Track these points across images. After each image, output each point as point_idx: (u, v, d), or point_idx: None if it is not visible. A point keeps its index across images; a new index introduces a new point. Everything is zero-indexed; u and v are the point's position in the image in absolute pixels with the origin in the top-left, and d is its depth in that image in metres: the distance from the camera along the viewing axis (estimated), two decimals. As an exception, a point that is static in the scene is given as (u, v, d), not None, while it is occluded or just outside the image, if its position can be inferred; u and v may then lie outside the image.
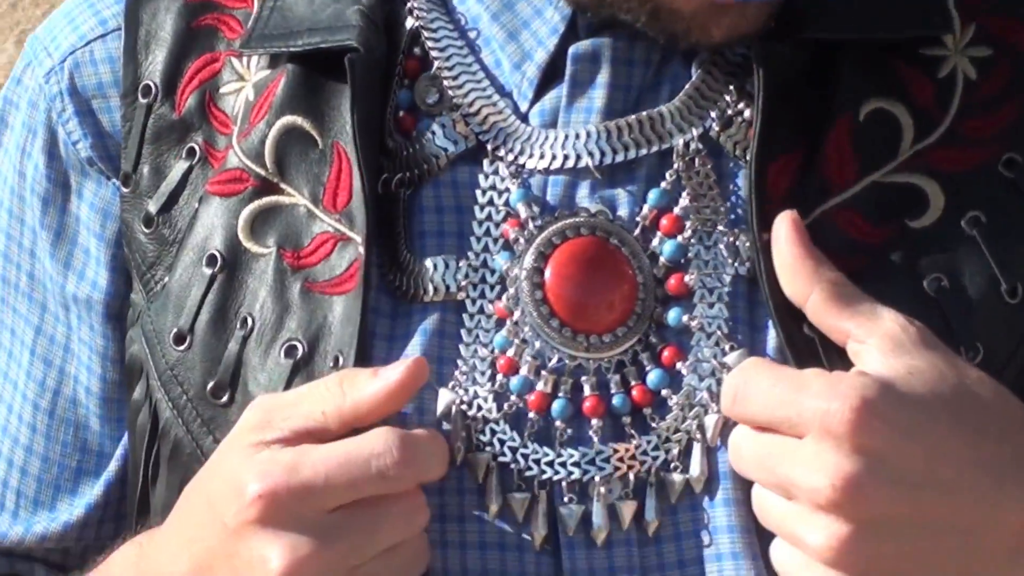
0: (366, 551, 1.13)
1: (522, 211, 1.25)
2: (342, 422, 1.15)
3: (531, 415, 1.20)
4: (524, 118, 1.25)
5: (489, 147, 1.26)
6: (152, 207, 1.36)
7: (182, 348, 1.33)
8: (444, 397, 1.22)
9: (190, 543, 1.21)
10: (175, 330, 1.33)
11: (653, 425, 1.21)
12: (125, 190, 1.38)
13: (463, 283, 1.25)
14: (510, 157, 1.25)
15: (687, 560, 1.23)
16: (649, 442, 1.22)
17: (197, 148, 1.35)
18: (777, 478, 1.11)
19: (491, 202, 1.28)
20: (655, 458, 1.22)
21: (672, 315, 1.21)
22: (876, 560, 1.11)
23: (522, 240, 1.24)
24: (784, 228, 1.18)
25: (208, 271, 1.33)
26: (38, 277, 1.45)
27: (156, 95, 1.36)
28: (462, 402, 1.23)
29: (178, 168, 1.36)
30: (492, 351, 1.24)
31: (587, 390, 1.20)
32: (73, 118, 1.40)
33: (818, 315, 1.16)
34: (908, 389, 1.08)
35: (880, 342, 1.11)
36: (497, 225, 1.26)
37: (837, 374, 1.11)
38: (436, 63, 1.29)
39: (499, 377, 1.22)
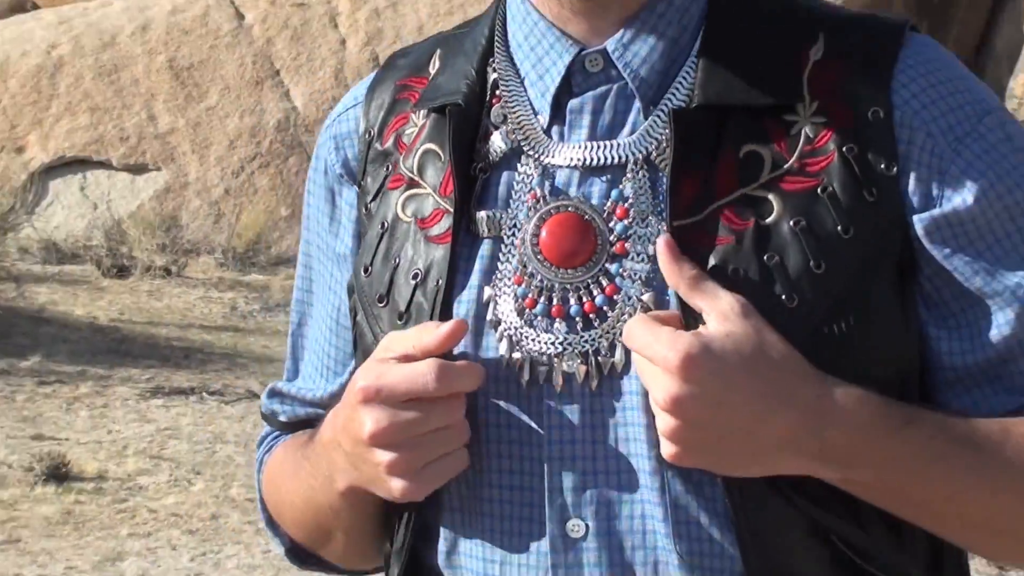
0: (421, 427, 1.70)
1: (537, 190, 1.79)
2: (422, 352, 1.73)
3: (526, 311, 1.77)
4: (547, 132, 1.82)
5: (524, 149, 1.83)
6: (368, 199, 1.98)
7: (366, 276, 1.94)
8: (486, 292, 1.80)
9: (335, 416, 1.81)
10: (363, 265, 1.94)
11: (595, 326, 1.75)
12: (359, 191, 2.01)
13: (502, 228, 1.81)
14: (536, 156, 1.83)
15: (614, 408, 1.75)
16: (591, 335, 1.75)
17: (390, 166, 1.96)
18: (646, 373, 1.65)
19: (522, 182, 1.82)
20: (594, 346, 1.75)
21: (614, 267, 1.74)
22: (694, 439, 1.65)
23: (535, 208, 1.80)
24: (661, 245, 1.71)
25: (380, 231, 1.93)
26: (327, 243, 2.09)
27: (373, 136, 1.98)
28: (495, 297, 1.80)
29: (380, 177, 1.97)
30: (513, 269, 1.81)
31: (555, 300, 1.76)
32: (333, 152, 2.05)
33: (684, 296, 1.68)
34: (720, 347, 1.61)
35: (715, 314, 1.64)
36: (523, 196, 1.82)
37: (679, 332, 1.64)
38: (503, 98, 1.85)
39: (514, 287, 1.79)
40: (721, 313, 1.64)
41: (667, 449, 1.65)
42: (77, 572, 8.77)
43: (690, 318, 1.68)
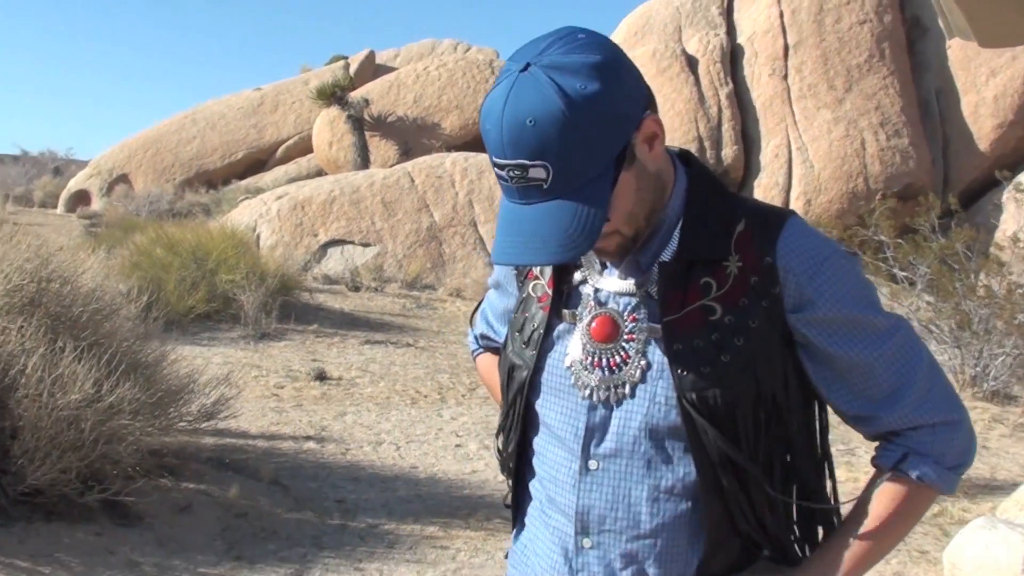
0: None
1: (592, 302, 1.98)
2: None
3: (583, 362, 1.95)
4: (599, 272, 1.98)
5: (588, 279, 1.99)
6: (521, 279, 2.15)
7: (515, 314, 2.13)
8: (567, 351, 2.00)
9: None
10: (515, 312, 2.13)
11: (616, 373, 1.91)
12: (517, 277, 2.19)
13: (576, 317, 1.99)
14: (593, 284, 1.98)
15: (622, 413, 1.91)
16: (614, 377, 1.92)
17: (527, 275, 2.13)
18: None
19: (587, 295, 1.99)
20: (615, 383, 1.91)
21: (626, 345, 1.91)
22: None
23: (590, 311, 1.98)
24: None
25: (522, 298, 2.11)
26: (504, 282, 2.25)
27: (524, 278, 2.14)
28: (570, 353, 1.99)
29: (522, 277, 2.13)
30: (579, 341, 1.97)
31: (597, 358, 1.93)
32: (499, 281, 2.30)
33: None
34: None
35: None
36: (587, 303, 1.98)
37: None
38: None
39: (578, 350, 1.98)
40: None
41: None
42: (325, 419, 9.60)
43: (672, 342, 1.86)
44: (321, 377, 11.30)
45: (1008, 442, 10.21)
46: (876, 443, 2.01)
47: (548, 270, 2.07)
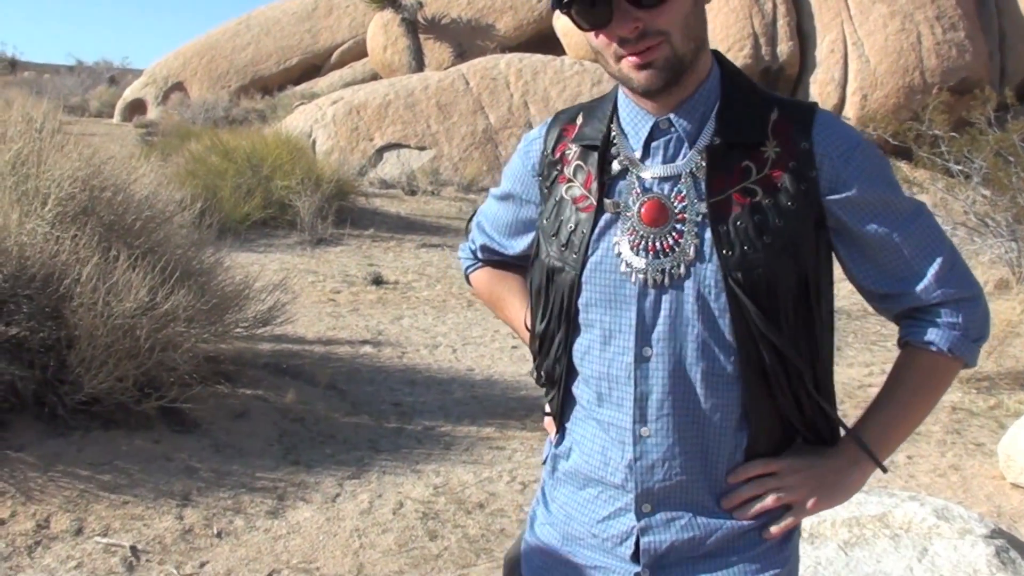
0: None
1: (638, 189, 2.00)
2: None
3: (634, 247, 1.96)
4: (641, 160, 2.00)
5: (629, 168, 2.01)
6: (547, 184, 2.14)
7: (546, 221, 2.11)
8: (615, 239, 2.00)
9: None
10: (545, 216, 2.11)
11: (669, 255, 1.94)
12: (540, 179, 2.16)
13: (619, 208, 2.00)
14: (636, 172, 2.00)
15: (674, 297, 1.95)
16: (667, 261, 1.94)
17: (558, 169, 2.12)
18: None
19: (629, 184, 2.01)
20: (668, 266, 1.94)
21: (678, 226, 1.94)
22: None
23: (637, 198, 1.99)
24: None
25: (555, 202, 2.09)
26: (516, 188, 2.24)
27: (548, 154, 2.15)
28: (618, 243, 1.99)
29: (552, 175, 2.13)
30: (626, 228, 1.99)
31: (649, 243, 1.95)
32: (526, 156, 2.21)
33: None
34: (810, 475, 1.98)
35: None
36: (631, 191, 2.00)
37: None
38: (617, 143, 2.01)
39: (627, 236, 1.97)
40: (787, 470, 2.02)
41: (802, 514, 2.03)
42: (382, 323, 9.79)
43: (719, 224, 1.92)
44: (377, 281, 11.38)
45: (1065, 335, 10.71)
46: (901, 324, 2.12)
47: (582, 173, 2.09)
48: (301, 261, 12.34)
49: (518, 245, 2.34)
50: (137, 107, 33.45)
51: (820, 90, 22.44)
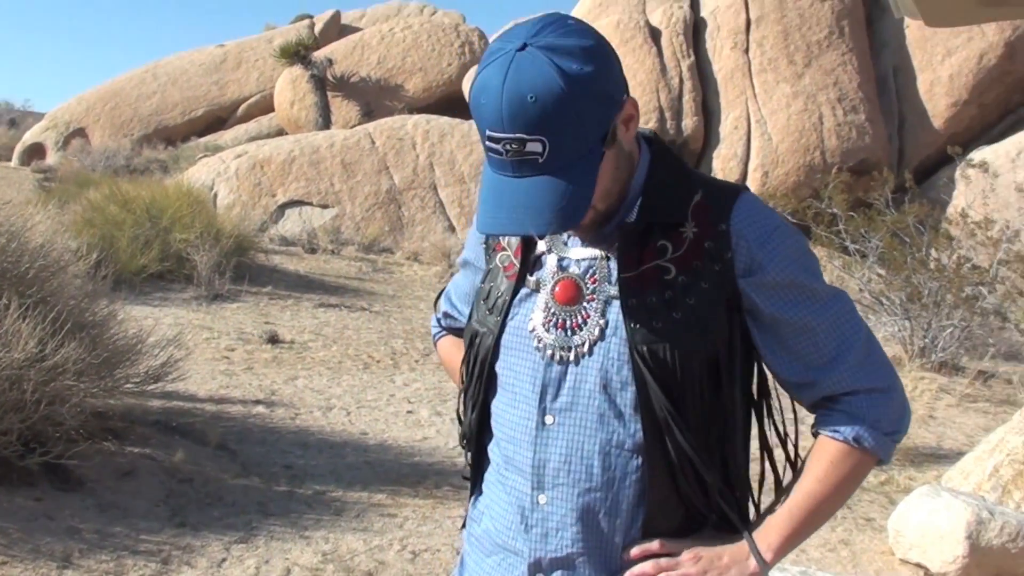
0: None
1: (556, 268, 2.03)
2: None
3: (546, 324, 2.00)
4: (564, 243, 2.03)
5: (552, 246, 2.05)
6: (488, 252, 2.19)
7: (482, 284, 2.17)
8: (530, 314, 2.04)
9: None
10: (482, 282, 2.17)
11: (577, 333, 1.97)
12: (486, 249, 2.21)
13: (539, 284, 2.04)
14: (558, 251, 2.04)
15: (579, 371, 1.97)
16: (575, 337, 1.97)
17: (495, 245, 2.15)
18: None
19: (551, 262, 2.04)
20: (575, 343, 1.96)
21: (587, 306, 1.97)
22: None
23: (553, 276, 2.03)
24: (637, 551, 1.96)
25: (488, 267, 2.17)
26: (474, 259, 2.26)
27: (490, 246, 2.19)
28: (532, 316, 2.03)
29: (491, 248, 2.16)
30: (543, 304, 2.02)
31: (559, 320, 1.98)
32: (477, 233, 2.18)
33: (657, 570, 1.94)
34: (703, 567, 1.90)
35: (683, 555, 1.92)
36: (550, 270, 2.04)
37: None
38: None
39: (542, 312, 2.01)
40: (680, 548, 1.96)
41: None
42: (276, 383, 9.53)
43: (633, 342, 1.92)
44: (273, 340, 11.25)
45: (955, 412, 10.40)
46: (815, 414, 2.08)
47: (515, 241, 2.14)
48: (196, 316, 12.18)
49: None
50: (36, 151, 32.78)
51: (723, 165, 22.75)
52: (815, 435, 2.06)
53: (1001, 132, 23.20)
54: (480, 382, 2.15)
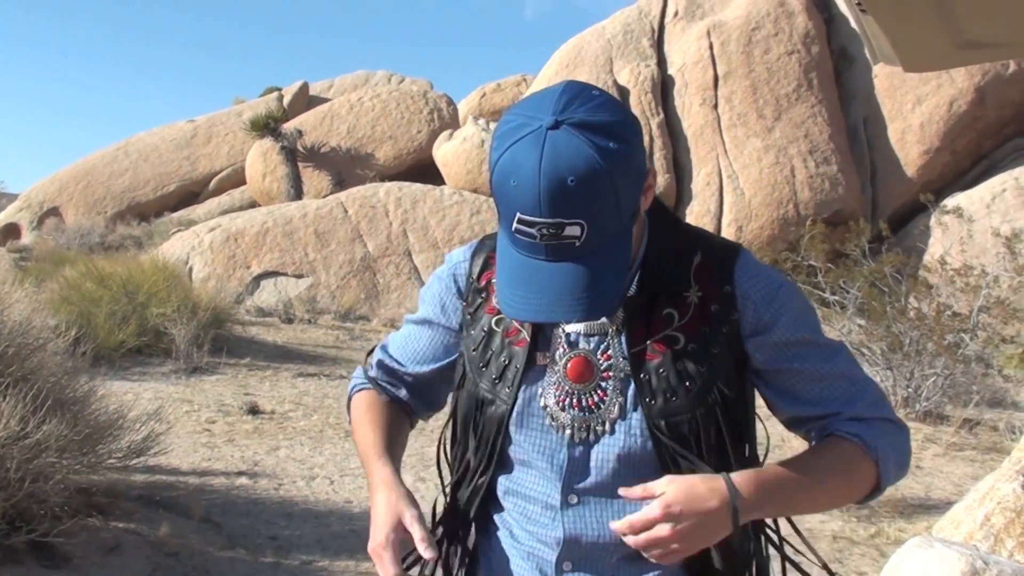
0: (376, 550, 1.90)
1: (565, 345, 1.99)
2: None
3: (560, 403, 1.97)
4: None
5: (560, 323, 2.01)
6: (471, 310, 2.12)
7: (474, 352, 2.08)
8: (549, 397, 1.99)
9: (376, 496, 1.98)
10: (472, 346, 2.09)
11: (593, 412, 1.94)
12: (464, 304, 2.13)
13: (548, 359, 2.00)
14: (563, 324, 1.98)
15: (599, 450, 1.94)
16: (592, 416, 1.95)
17: (483, 297, 2.10)
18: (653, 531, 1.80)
19: (556, 334, 2.00)
20: (592, 422, 1.94)
21: (603, 383, 1.94)
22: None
23: (564, 353, 1.99)
24: (623, 492, 1.87)
25: (483, 332, 2.08)
26: (436, 313, 2.19)
27: (474, 280, 2.11)
28: (544, 395, 1.99)
29: (476, 302, 2.11)
30: (554, 382, 1.99)
31: (575, 399, 1.94)
32: (451, 278, 2.15)
33: (637, 498, 1.84)
34: (671, 499, 1.76)
35: (659, 490, 1.78)
36: (559, 346, 2.00)
37: (652, 502, 1.80)
38: None
39: (554, 391, 1.97)
40: (660, 485, 1.83)
41: (680, 555, 1.84)
42: (258, 454, 9.43)
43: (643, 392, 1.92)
44: (253, 411, 11.17)
45: (942, 461, 10.34)
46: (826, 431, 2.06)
47: None
48: (176, 390, 12.02)
49: (421, 369, 2.26)
50: (11, 231, 32.82)
51: (696, 222, 22.33)
52: (823, 438, 2.02)
53: (975, 178, 23.39)
54: (491, 454, 2.08)
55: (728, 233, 22.42)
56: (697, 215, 23.01)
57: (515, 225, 1.77)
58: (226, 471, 8.74)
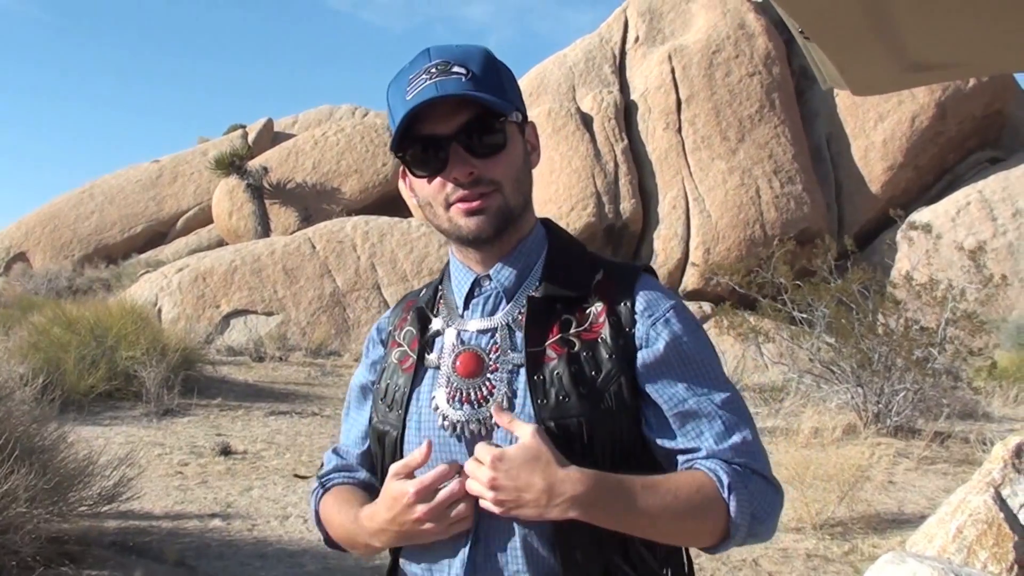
0: (409, 516, 1.88)
1: (455, 342, 2.05)
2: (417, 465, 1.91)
3: (450, 400, 1.99)
4: (461, 315, 2.06)
5: (449, 323, 2.07)
6: (383, 352, 2.20)
7: (379, 385, 2.14)
8: (433, 393, 2.03)
9: (375, 511, 1.96)
10: (379, 382, 2.15)
11: (483, 406, 1.95)
12: (383, 349, 2.20)
13: (438, 361, 2.05)
14: (456, 326, 2.06)
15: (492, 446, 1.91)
16: (481, 411, 1.96)
17: (392, 341, 2.18)
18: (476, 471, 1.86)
19: (449, 339, 2.05)
20: (482, 416, 1.95)
21: (491, 376, 1.97)
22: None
23: (453, 350, 2.04)
24: (493, 408, 1.93)
25: (383, 366, 2.16)
26: (362, 384, 2.26)
27: (393, 330, 2.18)
28: (435, 395, 2.01)
29: (387, 345, 2.19)
30: (444, 380, 2.02)
31: (464, 394, 1.97)
32: (376, 334, 2.24)
33: (506, 427, 1.89)
34: (512, 454, 1.81)
35: (520, 436, 1.83)
36: (449, 345, 2.06)
37: (493, 449, 1.84)
38: (442, 302, 2.11)
39: (444, 389, 2.00)
40: (522, 435, 1.86)
41: (493, 508, 1.87)
42: (231, 495, 9.33)
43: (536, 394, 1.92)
44: (226, 452, 11.10)
45: (914, 475, 10.41)
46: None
47: (411, 334, 2.14)
48: (147, 433, 11.87)
49: (368, 445, 2.24)
50: (-23, 278, 33.70)
51: (664, 245, 22.95)
52: (693, 465, 1.98)
53: (939, 192, 23.78)
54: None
55: (696, 255, 22.63)
56: (664, 239, 23.18)
57: (407, 88, 1.94)
58: (199, 513, 8.64)
